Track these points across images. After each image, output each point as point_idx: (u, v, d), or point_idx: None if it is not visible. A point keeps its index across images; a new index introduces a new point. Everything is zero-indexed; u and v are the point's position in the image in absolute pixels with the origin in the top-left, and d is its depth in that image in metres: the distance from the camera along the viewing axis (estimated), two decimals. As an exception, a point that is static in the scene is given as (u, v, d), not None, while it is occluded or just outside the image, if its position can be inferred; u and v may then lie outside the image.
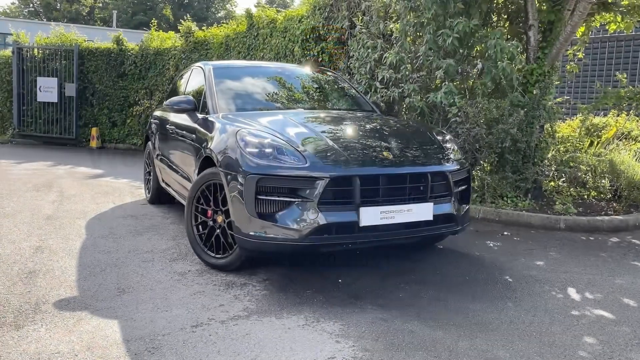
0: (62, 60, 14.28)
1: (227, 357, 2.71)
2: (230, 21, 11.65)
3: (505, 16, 6.87)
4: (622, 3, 6.56)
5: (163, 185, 6.02)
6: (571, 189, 6.30)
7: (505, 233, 5.31)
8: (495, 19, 6.67)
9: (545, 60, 5.99)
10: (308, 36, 8.32)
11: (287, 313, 3.27)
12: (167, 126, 5.49)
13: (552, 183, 6.49)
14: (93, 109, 14.34)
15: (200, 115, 4.73)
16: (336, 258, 4.38)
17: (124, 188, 7.77)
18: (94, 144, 14.12)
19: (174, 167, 5.29)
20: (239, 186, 3.59)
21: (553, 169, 6.31)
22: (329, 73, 5.86)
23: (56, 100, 14.30)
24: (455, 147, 4.24)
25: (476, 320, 3.24)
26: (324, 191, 3.45)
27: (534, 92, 5.80)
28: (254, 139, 3.75)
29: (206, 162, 4.21)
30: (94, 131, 14.15)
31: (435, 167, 3.82)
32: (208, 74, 5.07)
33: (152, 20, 14.25)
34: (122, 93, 13.96)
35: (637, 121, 7.00)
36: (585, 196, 6.28)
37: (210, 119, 4.53)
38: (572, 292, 3.76)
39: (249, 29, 10.31)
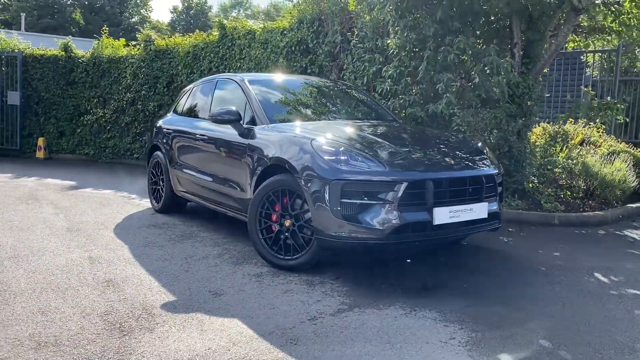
0: (3, 67, 13.60)
1: (363, 343, 3.02)
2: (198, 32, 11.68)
3: (483, 33, 7.56)
4: (582, 24, 7.47)
5: (180, 194, 6.13)
6: (549, 189, 7.06)
7: (511, 230, 5.93)
8: (478, 39, 7.32)
9: (530, 75, 6.72)
10: (294, 48, 8.64)
11: (382, 305, 3.61)
12: (198, 136, 5.62)
13: (531, 184, 7.22)
14: (39, 118, 13.74)
15: (245, 126, 4.95)
16: (382, 256, 4.77)
17: (115, 199, 7.69)
18: (40, 154, 13.52)
19: (208, 175, 5.42)
20: (322, 191, 3.89)
21: (534, 171, 7.03)
22: (347, 85, 6.24)
23: (-4, 109, 13.58)
24: (490, 153, 4.77)
25: (543, 302, 3.74)
26: (403, 194, 3.83)
27: (529, 103, 6.50)
28: (329, 147, 4.07)
29: (268, 170, 4.46)
30: (41, 141, 13.56)
31: (486, 170, 4.32)
32: (245, 86, 5.29)
33: (104, 28, 13.89)
34: (72, 102, 13.49)
35: (598, 129, 7.95)
36: (562, 195, 7.05)
37: (262, 129, 4.77)
38: (600, 277, 4.38)
39: (221, 39, 10.44)
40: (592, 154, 7.29)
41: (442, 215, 3.93)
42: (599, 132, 7.87)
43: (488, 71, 6.32)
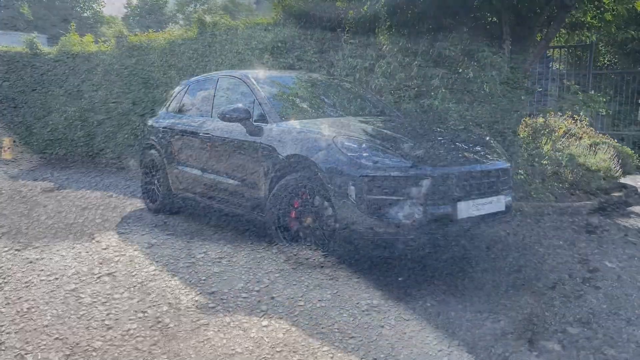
0: (-36, 65, 13.02)
1: (422, 339, 3.06)
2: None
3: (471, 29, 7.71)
4: (565, 21, 7.71)
5: (181, 193, 6.03)
6: (537, 181, 7.27)
7: (508, 220, 6.08)
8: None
9: (520, 70, 6.90)
10: (280, 44, 8.58)
11: (420, 300, 3.65)
12: (201, 134, 5.53)
13: (519, 176, 7.42)
14: (4, 118, 13.22)
15: (255, 124, 4.90)
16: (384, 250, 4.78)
17: (103, 199, 7.47)
18: (7, 155, 13.02)
19: (214, 174, 5.35)
20: (347, 187, 3.91)
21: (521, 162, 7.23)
22: (348, 81, 6.26)
23: (-43, 109, 12.98)
24: (499, 146, 4.88)
25: (573, 295, 3.85)
26: (428, 188, 3.89)
27: (522, 97, 6.68)
28: (351, 144, 4.08)
29: (283, 167, 4.44)
30: (7, 141, 13.06)
31: (502, 164, 4.43)
32: (251, 83, 5.24)
33: (72, 24, 13.45)
34: (39, 100, 13.04)
35: (582, 121, 8.26)
36: (549, 186, 7.28)
37: (273, 126, 4.72)
38: (614, 266, 4.54)
39: (200, 34, 10.28)
40: (575, 146, 7.56)
41: (466, 208, 4.01)
42: (582, 124, 8.17)
43: (477, 66, 6.47)
